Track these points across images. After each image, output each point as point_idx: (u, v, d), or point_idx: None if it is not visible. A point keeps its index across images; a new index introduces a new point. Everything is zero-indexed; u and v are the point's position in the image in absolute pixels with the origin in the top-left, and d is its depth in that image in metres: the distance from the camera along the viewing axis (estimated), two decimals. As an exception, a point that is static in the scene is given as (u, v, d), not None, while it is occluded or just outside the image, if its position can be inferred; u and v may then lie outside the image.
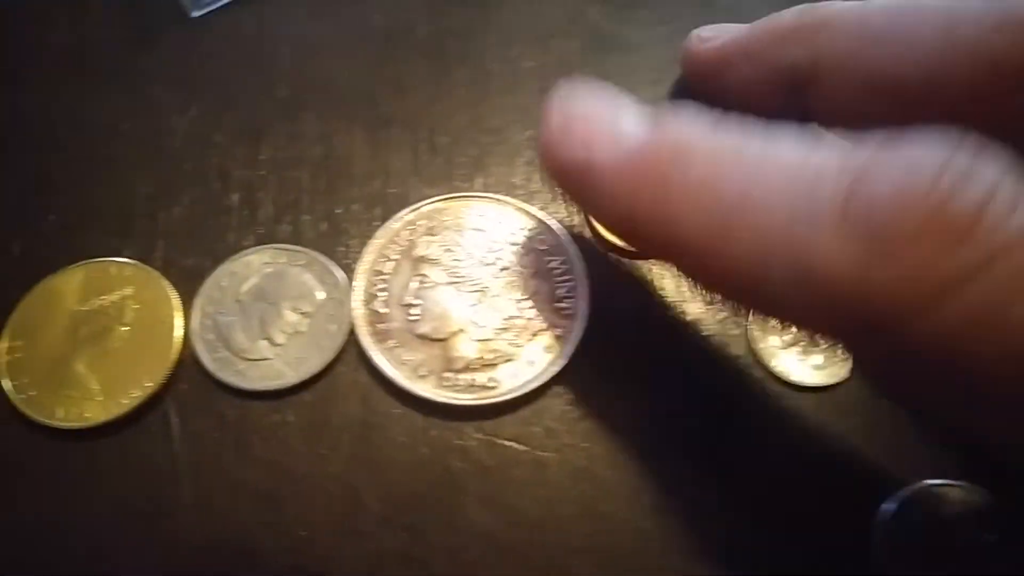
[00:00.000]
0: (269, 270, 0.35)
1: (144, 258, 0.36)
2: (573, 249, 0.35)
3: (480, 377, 0.32)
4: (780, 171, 0.22)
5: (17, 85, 0.42)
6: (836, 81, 0.28)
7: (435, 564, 0.30)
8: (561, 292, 0.34)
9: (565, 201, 0.31)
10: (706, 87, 0.34)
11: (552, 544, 0.30)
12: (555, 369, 0.32)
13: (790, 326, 0.26)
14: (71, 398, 0.32)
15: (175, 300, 0.34)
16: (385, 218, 0.37)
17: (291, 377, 0.33)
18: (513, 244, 0.35)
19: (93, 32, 0.43)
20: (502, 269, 0.35)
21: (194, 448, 0.32)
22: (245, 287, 0.35)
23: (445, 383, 0.32)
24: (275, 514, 0.31)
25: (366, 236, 0.36)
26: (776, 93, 0.30)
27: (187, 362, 0.34)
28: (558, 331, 0.33)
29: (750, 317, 0.33)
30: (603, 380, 0.33)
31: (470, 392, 0.32)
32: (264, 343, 0.33)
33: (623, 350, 0.33)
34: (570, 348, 0.33)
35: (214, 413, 0.33)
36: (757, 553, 0.30)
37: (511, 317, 0.34)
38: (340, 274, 0.35)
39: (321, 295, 0.34)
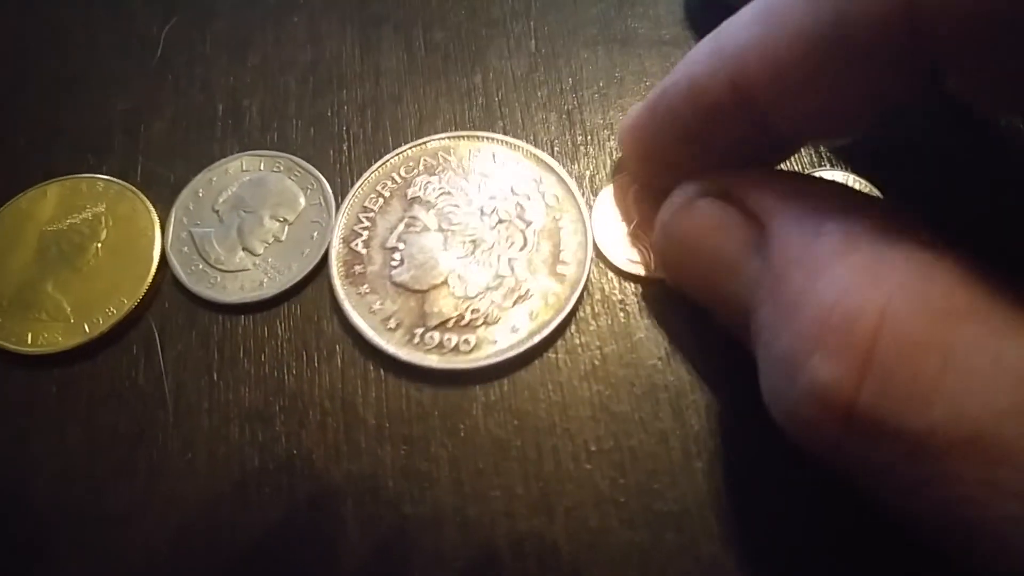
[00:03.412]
0: (248, 177, 0.31)
1: (124, 175, 0.32)
2: (585, 210, 0.29)
3: (453, 338, 0.27)
4: None
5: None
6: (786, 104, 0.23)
7: (439, 477, 0.26)
8: (564, 255, 0.29)
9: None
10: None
11: (564, 449, 0.26)
12: (538, 339, 0.27)
13: None
14: (40, 322, 0.28)
15: (153, 215, 0.30)
16: (377, 120, 0.33)
17: (271, 287, 0.29)
18: (520, 195, 0.30)
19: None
20: (500, 221, 0.29)
21: (178, 368, 0.28)
22: (223, 196, 0.31)
23: (414, 340, 0.28)
24: (266, 433, 0.27)
25: (357, 139, 0.32)
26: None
27: (168, 279, 0.30)
28: (550, 297, 0.28)
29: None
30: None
31: (437, 353, 0.27)
32: (242, 253, 0.29)
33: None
34: (560, 317, 0.28)
35: (198, 331, 0.29)
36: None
37: (501, 275, 0.28)
38: (322, 178, 0.31)
39: (303, 201, 0.30)
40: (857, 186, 0.29)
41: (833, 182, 0.26)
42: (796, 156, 0.30)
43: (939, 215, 0.28)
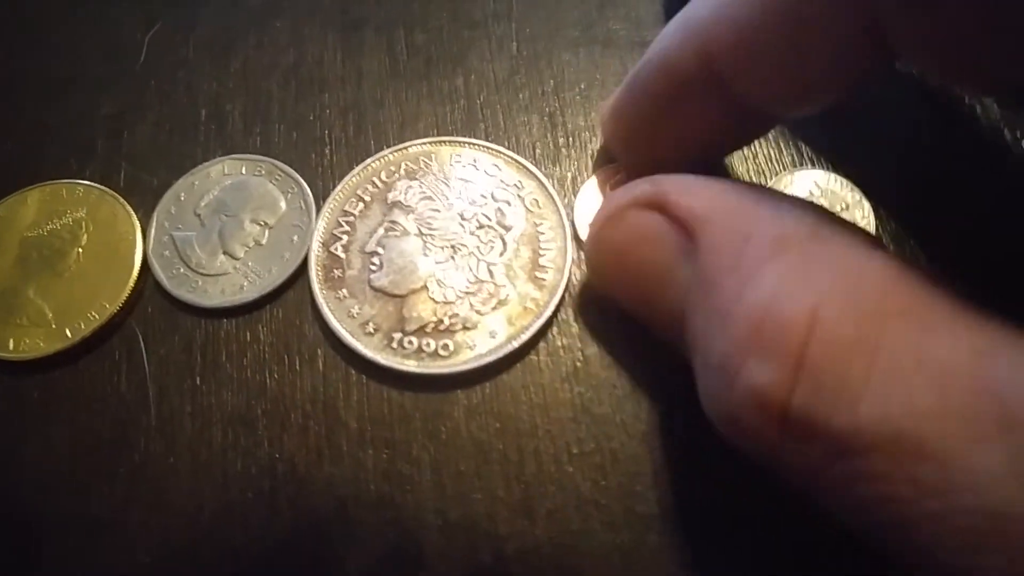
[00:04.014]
0: (229, 181, 0.31)
1: (107, 179, 0.32)
2: (566, 215, 0.29)
3: (431, 343, 0.27)
4: None
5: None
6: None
7: (421, 480, 0.26)
8: (543, 260, 0.28)
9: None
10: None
11: (546, 451, 0.26)
12: (516, 344, 0.27)
13: None
14: (22, 327, 0.28)
15: (134, 219, 0.30)
16: (359, 124, 0.32)
17: (251, 291, 0.29)
18: (500, 200, 0.30)
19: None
20: (480, 227, 0.29)
21: (160, 372, 0.28)
22: (204, 200, 0.30)
23: (392, 344, 0.27)
24: (248, 437, 0.27)
25: (339, 143, 0.32)
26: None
27: (151, 284, 0.29)
28: (529, 303, 0.28)
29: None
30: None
31: (416, 358, 0.27)
32: (223, 257, 0.29)
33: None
34: (538, 323, 0.27)
35: (181, 335, 0.29)
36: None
37: (480, 280, 0.28)
38: (303, 182, 0.31)
39: (283, 205, 0.30)
40: (839, 185, 0.29)
41: (764, 187, 0.26)
42: (777, 156, 0.30)
43: (922, 211, 0.28)
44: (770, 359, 0.18)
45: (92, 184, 0.31)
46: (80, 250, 0.30)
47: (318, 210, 0.30)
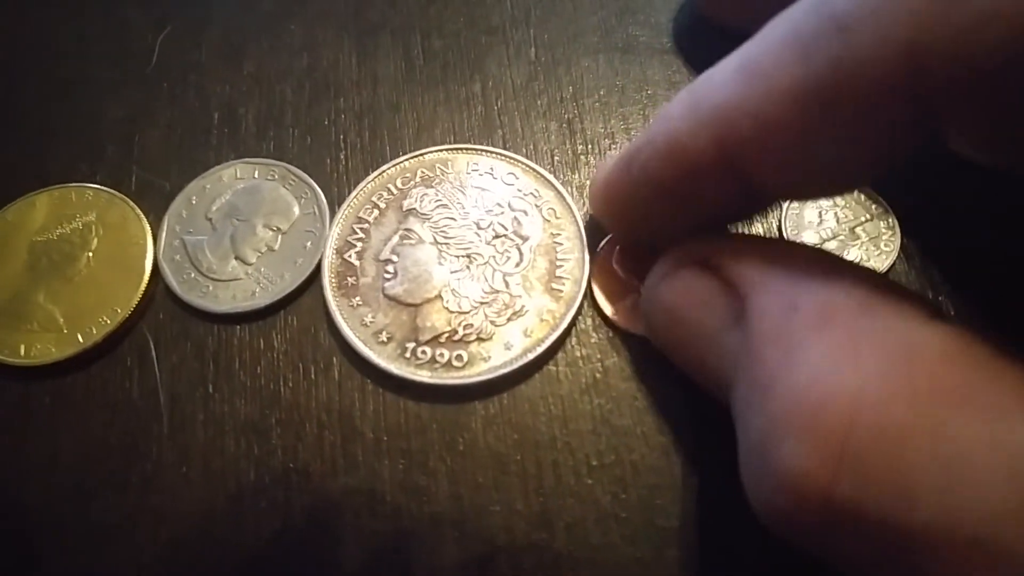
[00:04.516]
0: (241, 185, 0.30)
1: (118, 184, 0.31)
2: (583, 224, 0.29)
3: (445, 353, 0.27)
4: None
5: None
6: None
7: (438, 491, 0.25)
8: (560, 271, 0.28)
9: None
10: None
11: (565, 463, 0.25)
12: (532, 356, 0.27)
13: None
14: (33, 333, 0.28)
15: (144, 223, 0.30)
16: (374, 129, 0.32)
17: (263, 297, 0.28)
18: (517, 210, 0.29)
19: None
20: (496, 236, 0.28)
21: (172, 379, 0.28)
22: (216, 204, 0.30)
23: (405, 354, 0.27)
24: (262, 447, 0.26)
25: (354, 148, 0.32)
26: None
27: (162, 289, 0.29)
28: (545, 315, 0.27)
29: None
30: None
31: (429, 368, 0.27)
32: (235, 262, 0.29)
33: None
34: (553, 336, 0.27)
35: (193, 341, 0.28)
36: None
37: (495, 291, 0.28)
38: (317, 187, 0.30)
39: (297, 210, 0.30)
40: (862, 195, 0.28)
41: (821, 250, 0.25)
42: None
43: (946, 222, 0.27)
44: (808, 442, 0.16)
45: (102, 188, 0.31)
46: (90, 255, 0.29)
47: (332, 216, 0.29)
